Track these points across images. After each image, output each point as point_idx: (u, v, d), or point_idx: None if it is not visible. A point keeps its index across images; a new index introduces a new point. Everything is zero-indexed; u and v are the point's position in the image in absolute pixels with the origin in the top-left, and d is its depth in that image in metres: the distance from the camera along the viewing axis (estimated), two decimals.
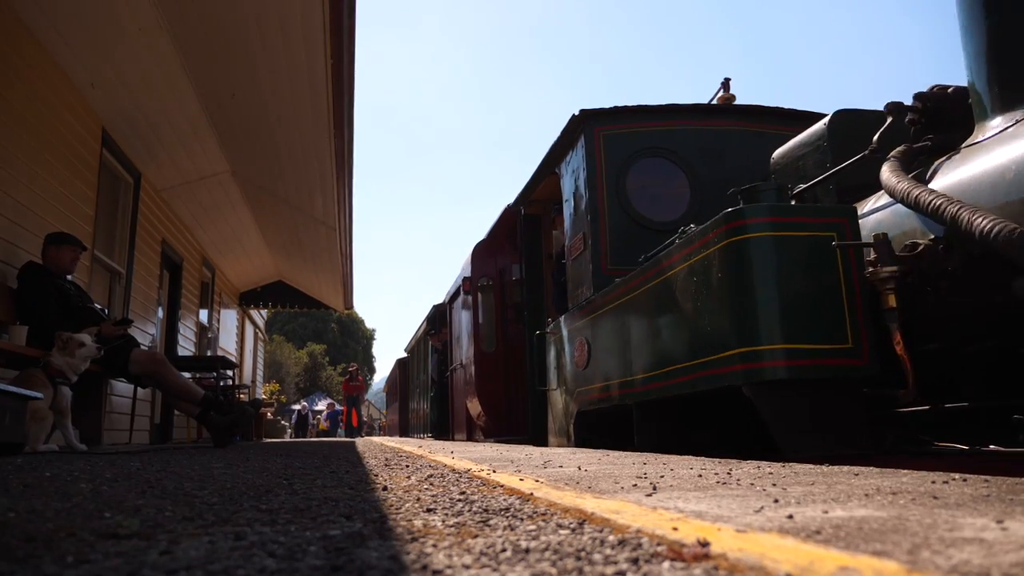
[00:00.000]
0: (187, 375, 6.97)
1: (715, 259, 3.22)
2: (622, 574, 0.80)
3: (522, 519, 1.22)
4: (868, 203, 3.34)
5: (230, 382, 9.95)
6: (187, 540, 1.03)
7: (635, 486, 1.73)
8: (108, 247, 6.85)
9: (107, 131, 6.47)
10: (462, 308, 8.92)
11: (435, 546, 0.98)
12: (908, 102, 3.32)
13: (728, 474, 2.05)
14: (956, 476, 1.79)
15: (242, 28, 5.27)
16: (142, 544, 1.00)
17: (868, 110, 3.69)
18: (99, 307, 5.53)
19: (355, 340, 55.90)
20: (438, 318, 11.77)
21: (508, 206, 7.58)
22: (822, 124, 3.80)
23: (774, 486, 1.65)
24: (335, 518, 1.27)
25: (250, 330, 15.66)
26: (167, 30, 5.30)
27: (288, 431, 21.68)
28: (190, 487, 1.89)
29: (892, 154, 3.12)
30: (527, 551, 0.93)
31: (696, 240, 3.43)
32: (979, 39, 2.83)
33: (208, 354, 10.83)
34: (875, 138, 3.26)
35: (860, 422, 2.96)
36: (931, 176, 3.00)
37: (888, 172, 3.00)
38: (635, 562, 0.85)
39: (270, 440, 11.73)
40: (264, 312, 17.57)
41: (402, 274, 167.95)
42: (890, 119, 3.30)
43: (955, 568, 0.74)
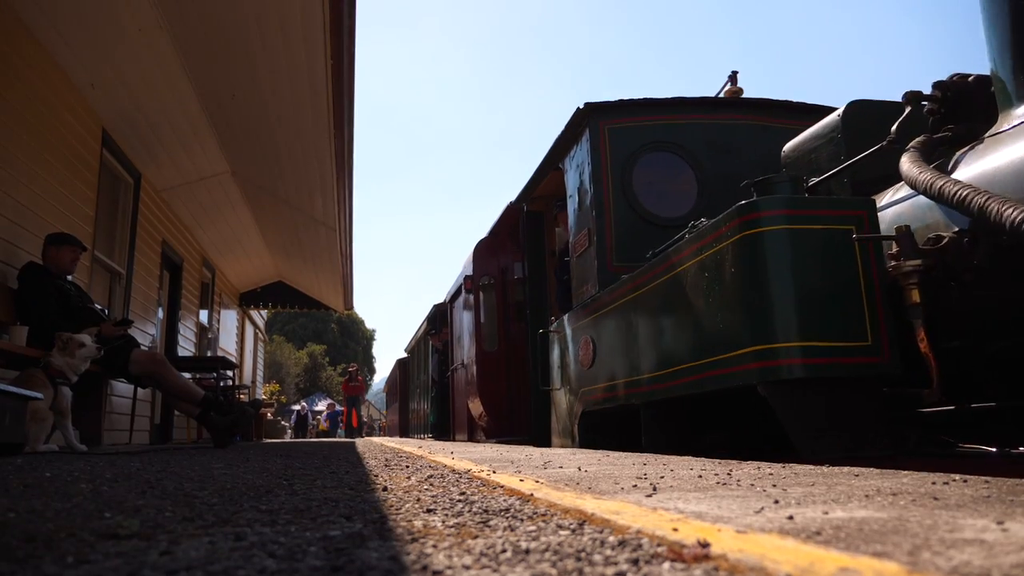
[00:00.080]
0: (187, 375, 6.97)
1: (728, 254, 3.12)
2: (622, 575, 0.80)
3: (522, 520, 1.22)
4: (886, 196, 3.24)
5: (230, 382, 9.96)
6: (187, 540, 1.03)
7: (635, 487, 1.73)
8: (108, 247, 6.85)
9: (107, 131, 6.47)
10: (463, 307, 8.83)
11: (435, 547, 0.98)
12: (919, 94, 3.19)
13: (728, 475, 2.05)
14: (956, 477, 1.79)
15: (242, 28, 5.28)
16: (142, 544, 1.00)
17: (883, 101, 3.58)
18: (99, 307, 5.53)
19: (355, 340, 55.92)
20: (439, 318, 11.72)
21: (510, 203, 7.47)
22: (836, 115, 3.68)
23: (774, 487, 1.65)
24: (335, 519, 1.27)
25: (250, 330, 15.67)
26: (167, 30, 5.30)
27: (288, 431, 21.69)
28: (190, 487, 1.89)
29: (911, 145, 3.01)
30: (527, 552, 0.93)
31: (708, 234, 3.31)
32: (1003, 26, 2.72)
33: (208, 354, 10.83)
34: (893, 128, 3.14)
35: (880, 423, 2.85)
36: (953, 167, 2.89)
37: (908, 163, 2.89)
38: (635, 563, 0.85)
39: (270, 440, 11.73)
40: (264, 312, 17.57)
41: (402, 274, 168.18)
42: (908, 109, 3.17)
43: (956, 569, 0.74)
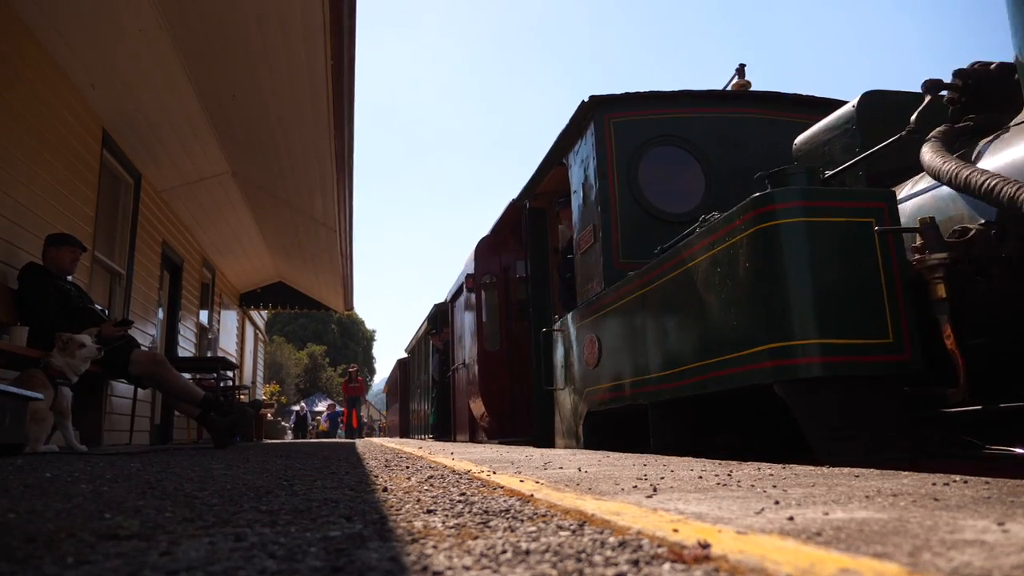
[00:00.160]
0: (187, 376, 6.97)
1: (742, 248, 3.01)
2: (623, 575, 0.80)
3: (522, 520, 1.22)
4: (904, 188, 3.15)
5: (230, 383, 9.95)
6: (187, 541, 1.03)
7: (635, 487, 1.73)
8: (108, 248, 6.85)
9: (107, 132, 6.47)
10: (465, 306, 8.77)
11: (435, 547, 0.98)
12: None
13: (728, 476, 2.05)
14: (957, 478, 1.79)
15: (242, 29, 5.28)
16: (142, 545, 1.00)
17: (898, 91, 3.51)
18: (99, 308, 5.53)
19: (355, 341, 55.93)
20: (439, 317, 11.68)
21: (513, 201, 7.39)
22: (850, 106, 3.56)
23: (774, 488, 1.65)
24: (335, 519, 1.27)
25: (250, 331, 15.67)
26: (167, 30, 5.30)
27: (288, 432, 21.69)
28: (190, 488, 1.89)
29: (932, 135, 2.92)
30: (527, 552, 0.93)
31: (721, 228, 3.20)
32: None
33: (208, 355, 10.83)
34: (913, 118, 3.04)
35: (901, 423, 2.75)
36: (976, 158, 2.79)
37: (930, 153, 2.79)
38: (636, 564, 0.85)
39: (270, 441, 11.73)
40: (264, 313, 17.57)
41: (402, 275, 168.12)
42: (928, 98, 3.06)
43: (956, 570, 0.74)
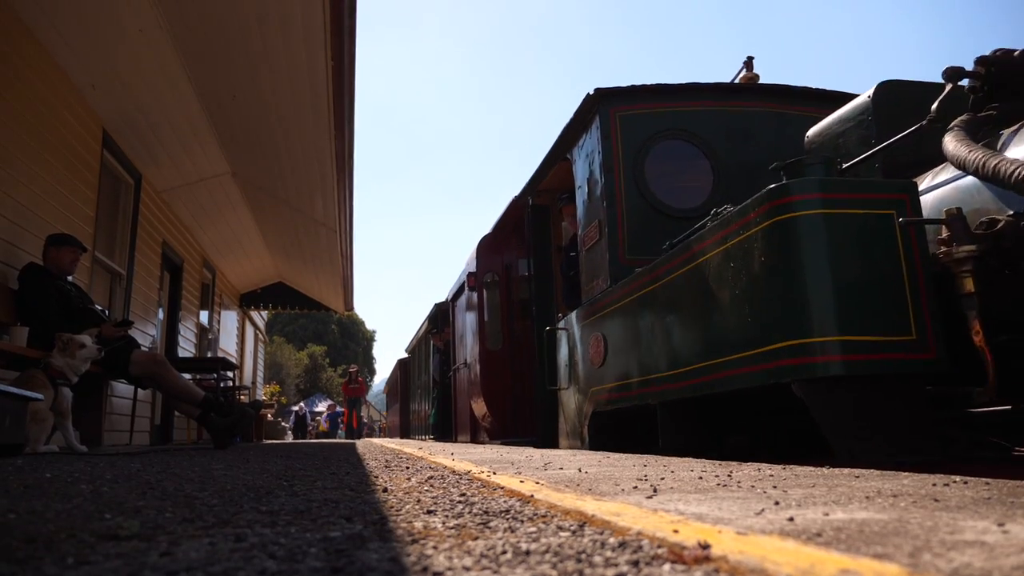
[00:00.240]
0: (187, 376, 6.97)
1: (757, 241, 2.90)
2: None
3: (522, 521, 1.22)
4: (924, 180, 3.04)
5: (230, 383, 9.95)
6: (187, 542, 1.03)
7: (635, 488, 1.73)
8: (109, 248, 6.85)
9: (107, 132, 6.47)
10: (466, 305, 8.68)
11: (435, 548, 0.98)
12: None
13: (728, 476, 2.05)
14: (957, 479, 1.79)
15: (243, 29, 5.28)
16: (142, 545, 1.00)
17: (915, 81, 3.43)
18: (100, 308, 5.53)
19: (355, 342, 55.92)
20: (440, 317, 11.63)
21: (515, 198, 7.24)
22: (866, 96, 3.46)
23: (775, 488, 1.65)
24: (335, 520, 1.27)
25: (250, 331, 15.67)
26: (168, 31, 5.30)
27: (288, 433, 21.68)
28: (190, 488, 1.89)
29: (954, 123, 2.82)
30: (528, 553, 0.93)
31: (734, 221, 3.09)
32: None
33: (208, 355, 10.83)
34: (934, 107, 2.93)
35: (925, 424, 2.64)
36: (1001, 148, 2.71)
37: (954, 142, 2.69)
38: (636, 564, 0.85)
39: (270, 442, 11.73)
40: (264, 313, 17.57)
41: (402, 275, 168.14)
42: (949, 86, 2.96)
43: (956, 571, 0.73)
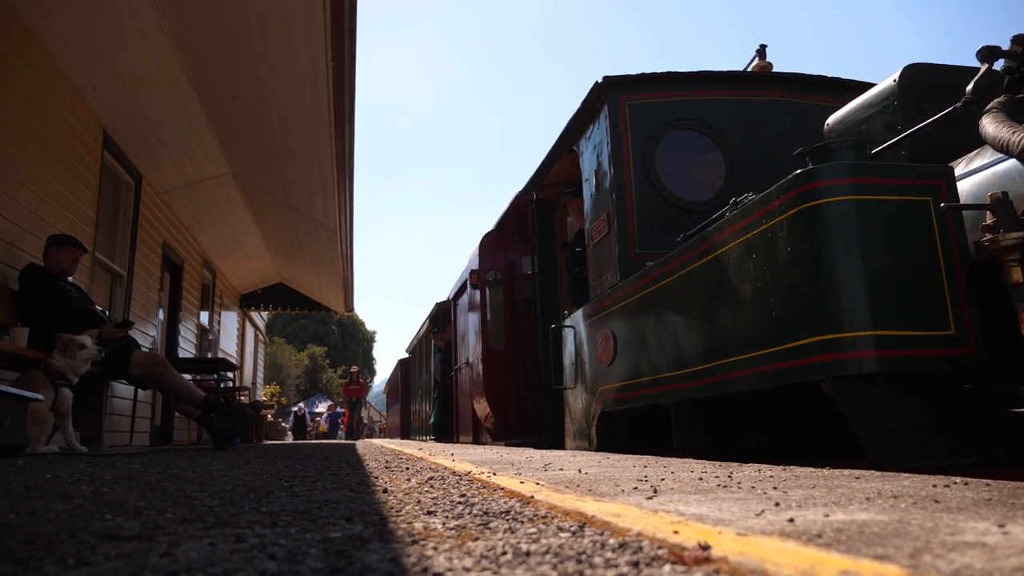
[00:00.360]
0: (188, 377, 6.97)
1: (782, 231, 2.76)
2: None
3: (523, 522, 1.22)
4: (959, 165, 2.90)
5: (231, 384, 9.95)
6: (188, 542, 1.03)
7: (636, 489, 1.73)
8: (109, 249, 6.85)
9: (108, 133, 6.48)
10: (468, 304, 8.57)
11: (435, 549, 0.98)
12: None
13: (729, 477, 2.05)
14: (957, 480, 1.79)
15: (243, 30, 5.28)
16: (143, 546, 1.00)
17: (943, 64, 3.29)
18: (100, 309, 5.53)
19: (356, 342, 55.94)
20: (441, 316, 11.57)
21: (518, 193, 7.05)
22: (891, 80, 3.30)
23: (775, 489, 1.65)
24: (336, 520, 1.27)
25: (251, 332, 15.67)
26: (168, 31, 5.30)
27: (288, 433, 21.68)
28: (191, 489, 1.89)
29: (991, 105, 2.70)
30: (528, 554, 0.93)
31: (757, 209, 2.94)
32: None
33: (209, 356, 10.83)
34: (969, 88, 2.79)
35: (964, 425, 2.50)
36: None
37: (994, 124, 2.58)
38: (636, 565, 0.85)
39: (270, 442, 11.73)
40: (265, 314, 17.57)
41: (403, 276, 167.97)
42: (984, 67, 2.83)
43: (957, 572, 0.73)
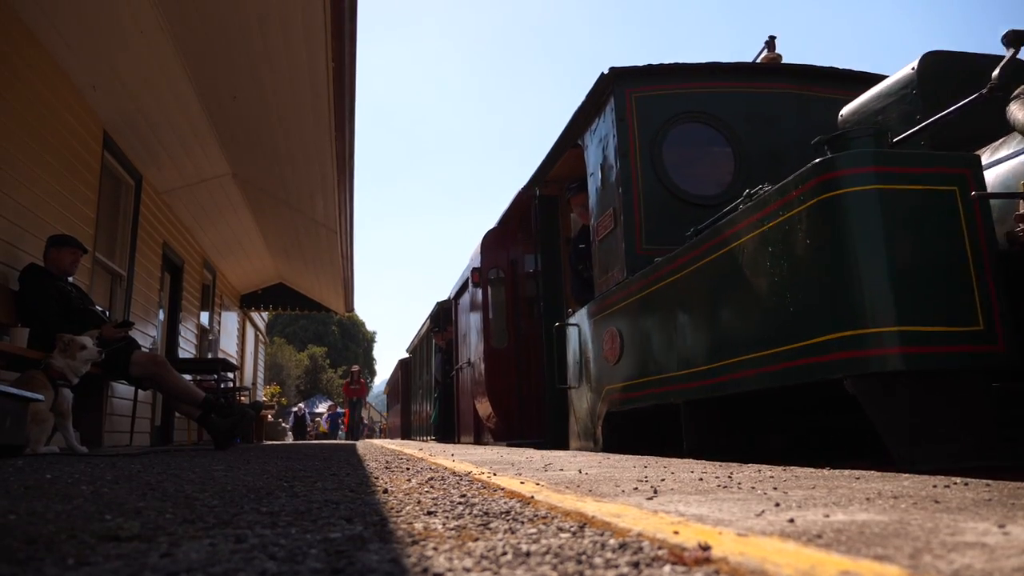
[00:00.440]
0: (188, 377, 6.97)
1: (801, 223, 2.67)
2: None
3: (523, 522, 1.22)
4: (984, 155, 2.81)
5: (231, 384, 9.95)
6: (188, 542, 1.03)
7: (636, 489, 1.73)
8: (109, 249, 6.85)
9: (108, 133, 6.48)
10: (470, 303, 8.49)
11: (436, 549, 0.98)
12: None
13: (729, 478, 2.05)
14: (958, 480, 1.79)
15: (244, 30, 5.29)
16: (143, 546, 1.00)
17: (964, 52, 3.19)
18: (100, 309, 5.53)
19: (356, 343, 55.95)
20: (443, 315, 11.53)
21: (521, 189, 6.93)
22: (910, 69, 3.21)
23: (775, 490, 1.65)
24: (336, 521, 1.27)
25: (251, 332, 15.67)
26: (168, 32, 5.31)
27: (288, 433, 21.68)
28: (191, 489, 1.89)
29: (1018, 92, 2.63)
30: (528, 555, 0.93)
31: (773, 200, 2.85)
32: None
33: (209, 356, 10.83)
34: (995, 73, 2.70)
35: (994, 425, 2.42)
36: None
37: (1023, 111, 2.50)
38: (636, 566, 0.85)
39: (270, 443, 11.73)
40: (265, 314, 17.57)
41: (403, 277, 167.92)
42: (1010, 52, 2.77)
43: (957, 573, 0.73)
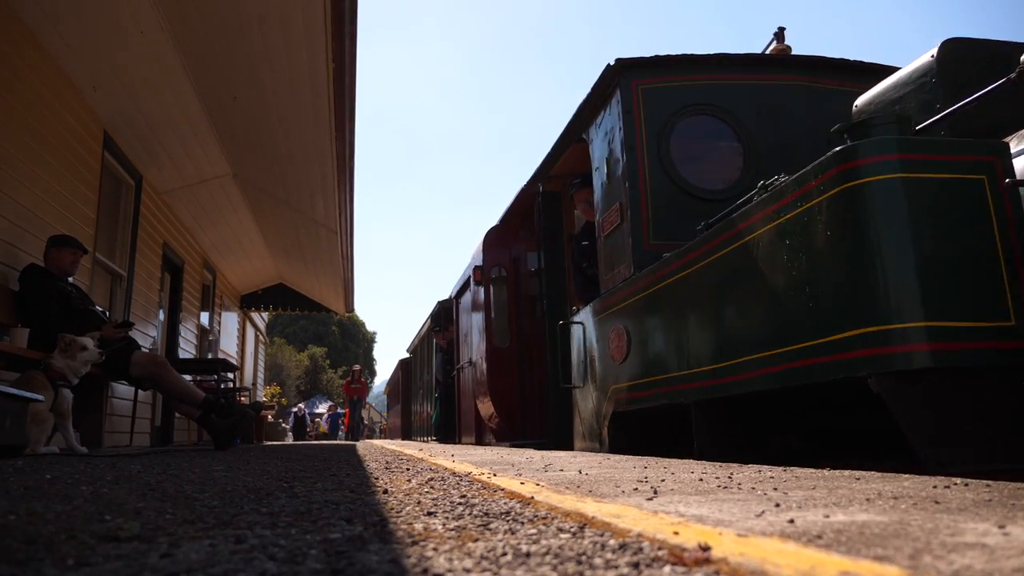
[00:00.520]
0: (188, 378, 6.97)
1: (820, 214, 2.56)
2: None
3: (523, 523, 1.22)
4: (1011, 142, 2.73)
5: (231, 385, 9.95)
6: (188, 543, 1.03)
7: (636, 490, 1.73)
8: (109, 249, 6.85)
9: (108, 133, 6.48)
10: (471, 302, 8.41)
11: (435, 550, 0.98)
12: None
13: (729, 478, 2.05)
14: (958, 481, 1.79)
15: (244, 31, 5.29)
16: (143, 547, 1.00)
17: (985, 39, 3.09)
18: (100, 310, 5.53)
19: (356, 343, 55.94)
20: (443, 314, 11.52)
21: (524, 186, 6.79)
22: (929, 57, 3.11)
23: (775, 490, 1.65)
24: (336, 521, 1.27)
25: (251, 333, 15.67)
26: (169, 32, 5.31)
27: (289, 434, 21.69)
28: (191, 490, 1.89)
29: None
30: (528, 555, 0.93)
31: (790, 191, 2.75)
32: None
33: (209, 357, 10.83)
34: (1023, 58, 2.59)
35: (1021, 424, 2.34)
36: None
37: None
38: (636, 566, 0.85)
39: (270, 443, 11.73)
40: (265, 315, 17.57)
41: (403, 277, 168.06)
42: None
43: (957, 573, 0.73)
